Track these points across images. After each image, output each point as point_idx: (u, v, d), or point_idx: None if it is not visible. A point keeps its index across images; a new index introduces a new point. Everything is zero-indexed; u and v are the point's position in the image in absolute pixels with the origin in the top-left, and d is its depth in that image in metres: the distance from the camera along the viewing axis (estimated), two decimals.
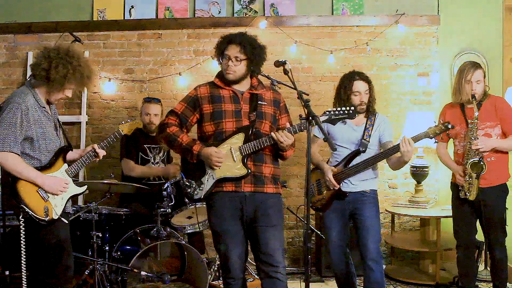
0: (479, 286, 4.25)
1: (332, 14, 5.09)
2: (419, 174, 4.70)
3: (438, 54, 5.07)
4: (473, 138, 3.53)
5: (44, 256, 2.92)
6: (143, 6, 5.08)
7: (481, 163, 3.50)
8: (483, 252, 4.19)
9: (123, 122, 3.42)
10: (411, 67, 5.09)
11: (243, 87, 3.05)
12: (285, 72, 2.87)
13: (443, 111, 3.83)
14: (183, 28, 5.08)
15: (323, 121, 3.01)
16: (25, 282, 2.88)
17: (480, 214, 3.64)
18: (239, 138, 2.95)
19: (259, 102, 3.02)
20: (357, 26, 5.07)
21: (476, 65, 3.64)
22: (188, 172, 3.03)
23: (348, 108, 3.01)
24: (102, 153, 3.16)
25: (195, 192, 2.98)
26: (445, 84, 5.00)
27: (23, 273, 2.87)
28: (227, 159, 2.93)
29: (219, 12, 5.08)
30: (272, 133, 2.90)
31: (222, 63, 3.04)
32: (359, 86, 3.49)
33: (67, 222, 3.01)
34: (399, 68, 5.10)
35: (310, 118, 2.71)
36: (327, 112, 3.01)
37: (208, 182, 2.96)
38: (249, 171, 2.92)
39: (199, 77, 5.02)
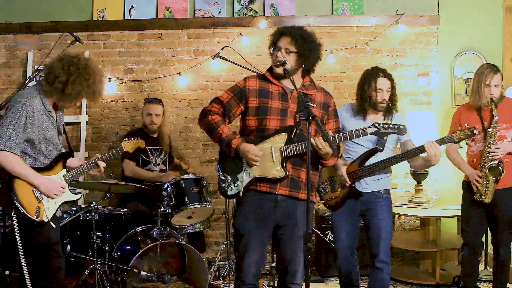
0: (479, 286, 4.24)
1: (332, 14, 5.09)
2: (419, 174, 4.69)
3: (438, 54, 5.06)
4: (492, 142, 3.51)
5: (34, 257, 2.92)
6: (143, 6, 5.08)
7: (500, 167, 3.48)
8: (483, 252, 4.19)
9: (126, 139, 3.44)
10: (411, 67, 5.09)
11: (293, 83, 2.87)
12: (285, 72, 2.82)
13: (458, 113, 3.81)
14: (183, 28, 5.08)
15: (370, 133, 2.92)
16: (28, 280, 2.89)
17: (490, 215, 3.65)
18: (281, 138, 2.82)
19: (308, 103, 2.87)
20: (357, 26, 5.07)
21: (495, 69, 3.63)
22: (225, 167, 2.92)
23: (399, 124, 2.95)
24: (102, 164, 3.19)
25: (230, 188, 2.88)
26: (445, 84, 5.00)
27: (24, 271, 2.87)
28: (266, 159, 2.81)
29: (219, 12, 5.08)
30: (312, 139, 2.72)
31: (272, 55, 2.89)
32: (383, 83, 3.41)
33: (55, 227, 3.00)
34: (399, 68, 5.09)
35: (310, 118, 2.67)
36: (376, 124, 2.91)
37: (244, 179, 2.84)
38: (287, 174, 2.79)
39: (199, 77, 5.02)
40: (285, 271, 2.90)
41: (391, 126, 2.93)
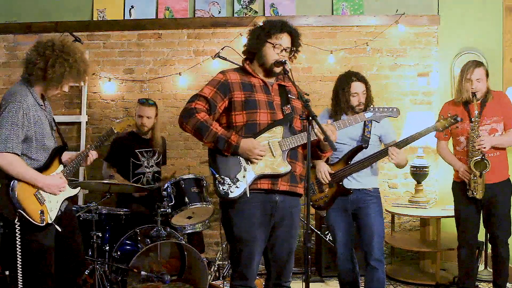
0: (479, 286, 4.25)
1: (332, 14, 5.09)
2: (419, 174, 4.70)
3: (438, 54, 5.07)
4: (475, 136, 3.54)
5: (25, 261, 2.83)
6: (143, 6, 5.08)
7: (485, 161, 3.50)
8: (483, 252, 4.19)
9: (115, 120, 3.39)
10: (411, 67, 5.09)
11: (271, 77, 2.85)
12: (285, 72, 2.80)
13: (444, 109, 3.81)
14: (183, 28, 5.08)
15: (368, 118, 2.98)
16: (21, 284, 2.83)
17: (486, 211, 3.65)
18: (277, 132, 2.73)
19: (289, 95, 2.84)
20: (357, 26, 5.07)
21: (477, 64, 3.65)
22: (220, 168, 2.72)
23: (392, 107, 3.05)
24: (94, 154, 3.11)
25: (230, 190, 2.68)
26: (445, 84, 5.00)
27: (19, 276, 2.80)
28: (266, 154, 2.71)
29: (219, 12, 5.08)
30: (316, 129, 2.66)
31: (266, 50, 2.78)
32: (357, 87, 3.47)
33: (60, 229, 2.92)
34: (399, 68, 5.10)
35: (310, 118, 2.62)
36: (372, 109, 3.00)
37: (245, 178, 2.68)
38: (290, 167, 2.71)
39: (199, 77, 5.02)
40: (280, 271, 2.85)
41: (385, 109, 3.03)
